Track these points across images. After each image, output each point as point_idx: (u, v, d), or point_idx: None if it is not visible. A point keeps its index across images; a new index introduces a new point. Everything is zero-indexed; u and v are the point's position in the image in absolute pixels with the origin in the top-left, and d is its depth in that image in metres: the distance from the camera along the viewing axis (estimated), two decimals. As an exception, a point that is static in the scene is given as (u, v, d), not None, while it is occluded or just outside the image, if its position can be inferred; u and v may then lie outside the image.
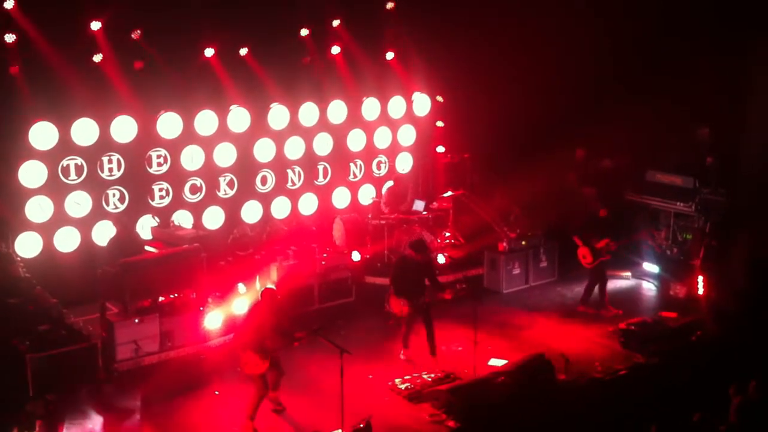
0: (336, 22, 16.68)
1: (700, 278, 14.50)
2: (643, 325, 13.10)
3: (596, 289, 14.52)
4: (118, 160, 14.99)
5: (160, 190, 15.52)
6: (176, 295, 12.75)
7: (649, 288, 15.77)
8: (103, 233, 14.80)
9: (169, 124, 15.34)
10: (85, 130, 14.52)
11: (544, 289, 15.73)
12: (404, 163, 18.36)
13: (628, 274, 16.05)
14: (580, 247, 14.43)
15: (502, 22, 16.94)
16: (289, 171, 16.99)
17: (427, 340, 12.37)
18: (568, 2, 17.00)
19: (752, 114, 16.50)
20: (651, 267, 16.03)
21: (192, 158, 15.72)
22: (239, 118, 16.05)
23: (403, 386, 11.66)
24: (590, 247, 14.32)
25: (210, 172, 15.97)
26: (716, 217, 15.47)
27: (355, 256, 15.65)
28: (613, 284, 14.95)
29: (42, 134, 14.14)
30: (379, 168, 18.13)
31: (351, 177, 17.80)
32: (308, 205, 17.25)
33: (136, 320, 12.16)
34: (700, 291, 14.45)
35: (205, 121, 15.68)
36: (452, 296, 12.24)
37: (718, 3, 16.35)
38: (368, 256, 16.13)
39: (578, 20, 17.06)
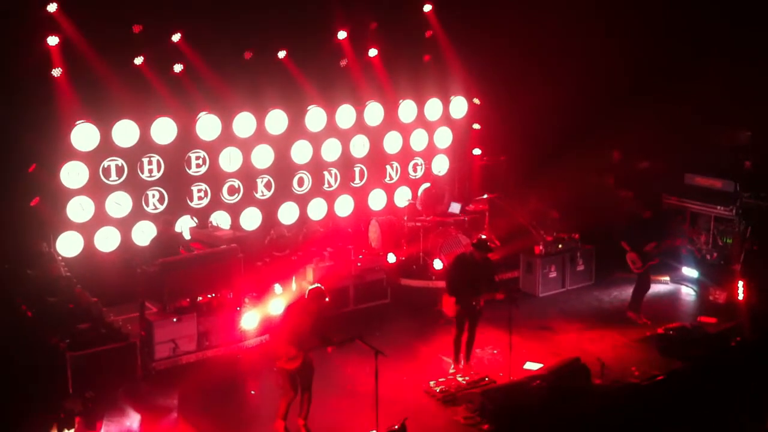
0: (373, 25, 16.73)
1: (741, 283, 14.28)
2: (682, 330, 12.94)
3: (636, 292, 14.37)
4: (158, 162, 15.18)
5: (199, 191, 15.69)
6: (214, 295, 12.87)
7: (689, 293, 15.57)
8: (143, 233, 15.01)
9: (207, 126, 15.51)
10: (125, 132, 14.75)
11: (580, 293, 15.60)
12: (440, 166, 18.35)
13: (667, 278, 15.87)
14: (628, 252, 14.02)
15: (539, 25, 16.87)
16: (326, 173, 17.08)
17: (465, 344, 12.27)
18: (605, 4, 16.87)
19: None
20: (690, 272, 15.84)
21: (230, 160, 15.88)
22: (277, 120, 16.18)
23: (437, 389, 11.64)
24: (639, 251, 14.00)
25: (248, 174, 16.12)
26: (757, 222, 15.23)
27: (391, 258, 15.67)
28: (652, 289, 14.76)
29: (84, 135, 14.39)
30: (415, 170, 18.14)
31: (387, 179, 17.84)
32: (344, 206, 17.32)
33: (175, 320, 12.31)
34: (740, 296, 14.23)
35: (244, 123, 15.83)
36: (504, 297, 12.03)
37: (758, 4, 16.13)
38: (404, 258, 16.14)
39: (615, 22, 16.94)
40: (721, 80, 16.18)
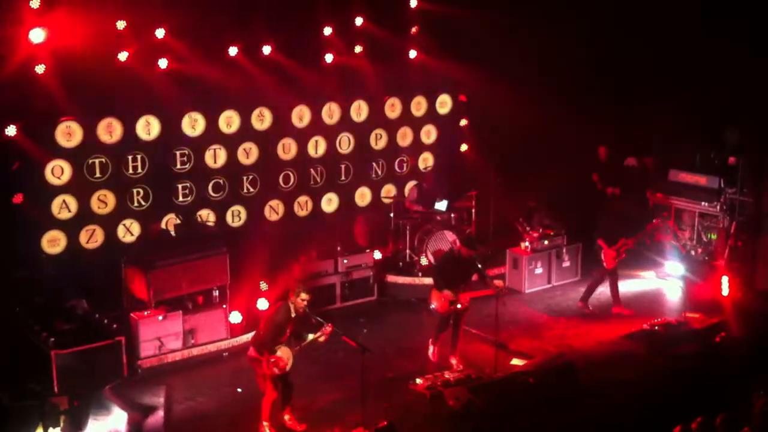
0: (359, 21, 16.69)
1: (725, 279, 14.38)
2: (667, 326, 13.04)
3: (593, 284, 14.56)
4: (143, 159, 15.10)
5: (184, 188, 15.61)
6: (200, 292, 12.83)
7: (673, 289, 15.65)
8: (128, 231, 14.94)
9: (192, 123, 15.43)
10: (110, 129, 14.64)
11: (566, 289, 15.66)
12: (427, 162, 18.34)
13: (652, 274, 15.95)
14: (605, 249, 14.19)
15: (525, 21, 16.88)
16: (312, 170, 17.04)
17: (451, 337, 12.33)
18: (592, 1, 16.90)
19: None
20: (675, 267, 15.91)
21: (215, 157, 15.82)
22: (262, 116, 16.12)
23: (424, 385, 11.66)
24: (614, 249, 14.13)
25: (233, 171, 16.05)
26: (741, 217, 15.33)
27: (377, 254, 15.66)
28: (636, 285, 14.85)
29: (68, 132, 14.28)
30: (401, 167, 18.12)
31: (373, 176, 17.81)
32: (330, 203, 17.29)
33: (160, 317, 12.27)
34: (725, 292, 14.33)
35: (229, 120, 15.76)
36: (495, 293, 12.15)
37: (746, 2, 16.19)
38: (390, 255, 16.15)
39: (602, 19, 16.97)
40: (710, 76, 16.23)
